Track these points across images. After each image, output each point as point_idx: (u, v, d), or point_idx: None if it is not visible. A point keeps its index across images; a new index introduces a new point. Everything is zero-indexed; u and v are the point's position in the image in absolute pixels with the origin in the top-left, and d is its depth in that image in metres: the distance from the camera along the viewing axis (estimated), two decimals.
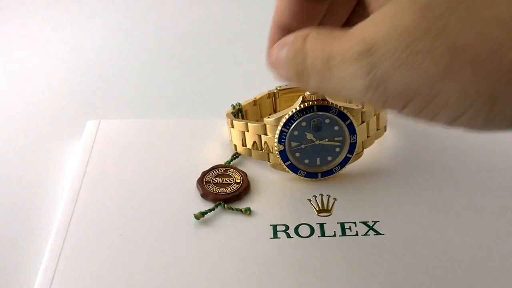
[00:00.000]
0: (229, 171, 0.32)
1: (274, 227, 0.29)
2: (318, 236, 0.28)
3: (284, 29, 0.25)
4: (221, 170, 0.32)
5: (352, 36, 0.19)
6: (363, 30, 0.19)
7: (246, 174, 0.32)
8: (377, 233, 0.29)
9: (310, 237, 0.28)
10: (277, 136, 0.29)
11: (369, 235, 0.28)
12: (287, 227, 0.29)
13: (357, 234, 0.28)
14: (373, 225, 0.29)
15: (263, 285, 0.26)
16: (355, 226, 0.29)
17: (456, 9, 0.17)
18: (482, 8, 0.16)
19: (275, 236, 0.28)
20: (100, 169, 0.32)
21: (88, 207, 0.30)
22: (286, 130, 0.29)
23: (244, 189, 0.31)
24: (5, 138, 0.37)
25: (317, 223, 0.29)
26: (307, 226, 0.29)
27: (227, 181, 0.31)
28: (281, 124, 0.29)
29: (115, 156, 0.33)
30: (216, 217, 0.29)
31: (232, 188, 0.31)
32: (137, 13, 0.53)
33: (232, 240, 0.28)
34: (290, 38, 0.22)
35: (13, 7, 0.53)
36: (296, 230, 0.29)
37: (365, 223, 0.29)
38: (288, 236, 0.28)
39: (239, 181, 0.31)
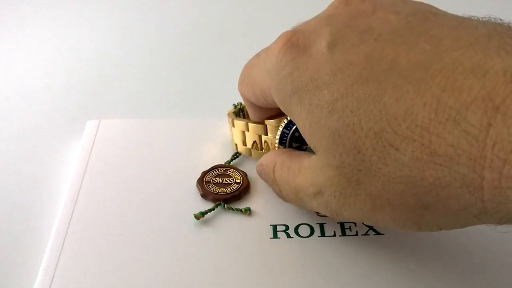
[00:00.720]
0: (229, 171, 0.32)
1: (274, 227, 0.29)
2: (318, 236, 0.28)
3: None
4: (221, 170, 0.32)
5: (305, 176, 0.24)
6: (309, 173, 0.24)
7: (246, 174, 0.32)
8: (377, 233, 0.29)
9: (310, 237, 0.28)
10: (278, 137, 0.29)
11: (369, 235, 0.28)
12: (287, 227, 0.29)
13: (357, 234, 0.28)
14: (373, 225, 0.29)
15: (263, 285, 0.26)
16: (355, 226, 0.29)
17: (360, 168, 0.21)
18: (379, 167, 0.20)
19: (275, 236, 0.28)
20: (100, 169, 0.32)
21: (88, 207, 0.30)
22: (288, 131, 0.29)
23: (244, 189, 0.31)
24: (5, 138, 0.37)
25: (317, 223, 0.29)
26: (307, 226, 0.29)
27: (227, 181, 0.31)
28: (282, 125, 0.29)
29: (115, 156, 0.33)
30: (216, 217, 0.29)
31: (232, 188, 0.31)
32: (137, 13, 0.53)
33: (232, 240, 0.28)
34: (264, 161, 0.28)
35: (13, 7, 0.53)
36: (296, 230, 0.29)
37: None
38: (288, 236, 0.28)
39: (239, 181, 0.31)
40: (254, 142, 0.31)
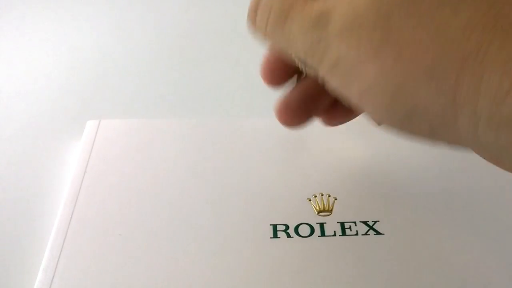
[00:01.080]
0: None
1: (274, 226, 0.29)
2: (318, 236, 0.28)
3: None
4: None
5: (312, 2, 0.21)
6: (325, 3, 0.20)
7: None
8: (377, 233, 0.29)
9: (310, 237, 0.28)
10: None
11: (369, 234, 0.28)
12: (287, 227, 0.29)
13: (357, 234, 0.28)
14: (373, 225, 0.29)
15: (263, 285, 0.26)
16: (355, 225, 0.29)
17: (402, 3, 0.18)
18: (424, 13, 0.18)
19: (275, 236, 0.28)
20: (100, 169, 0.32)
21: (88, 207, 0.30)
22: None
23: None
24: (5, 138, 0.37)
25: (317, 223, 0.29)
26: (307, 226, 0.29)
27: None
28: None
29: (115, 156, 0.33)
30: (216, 218, 0.29)
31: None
32: (137, 13, 0.53)
33: (232, 240, 0.28)
34: None
35: (13, 7, 0.53)
36: (296, 230, 0.29)
37: (365, 222, 0.29)
38: (288, 236, 0.28)
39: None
40: None
